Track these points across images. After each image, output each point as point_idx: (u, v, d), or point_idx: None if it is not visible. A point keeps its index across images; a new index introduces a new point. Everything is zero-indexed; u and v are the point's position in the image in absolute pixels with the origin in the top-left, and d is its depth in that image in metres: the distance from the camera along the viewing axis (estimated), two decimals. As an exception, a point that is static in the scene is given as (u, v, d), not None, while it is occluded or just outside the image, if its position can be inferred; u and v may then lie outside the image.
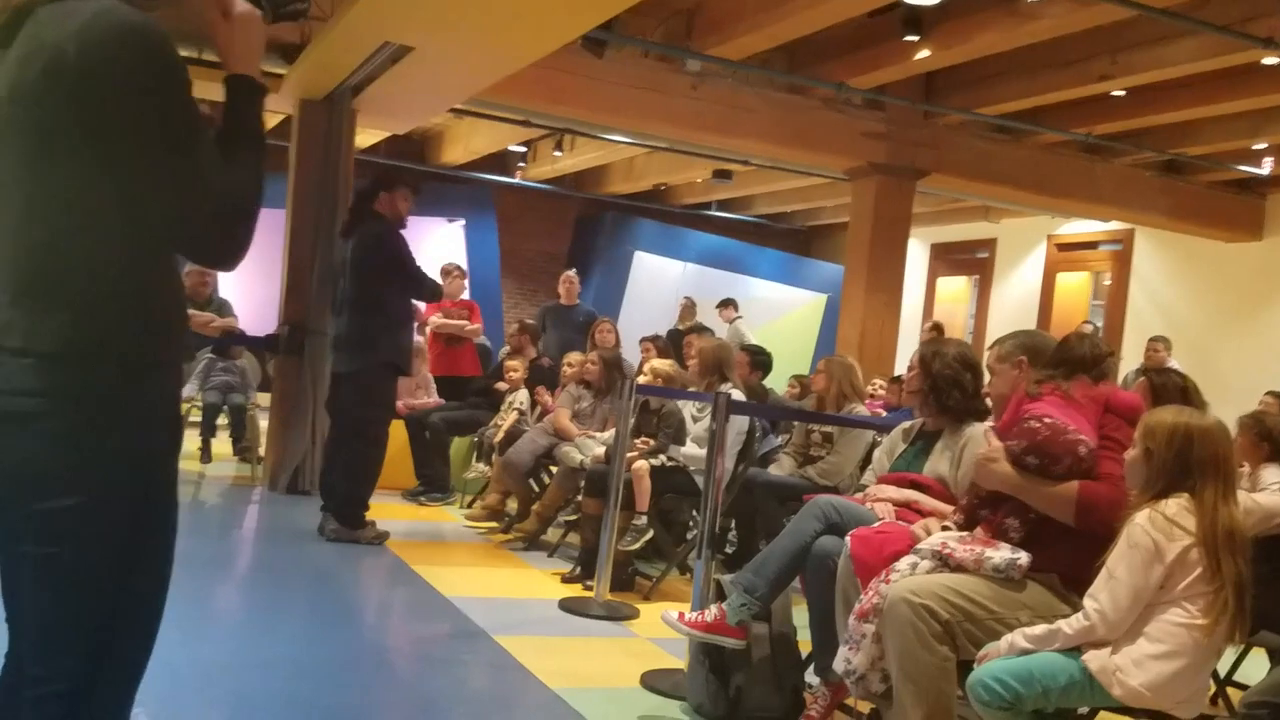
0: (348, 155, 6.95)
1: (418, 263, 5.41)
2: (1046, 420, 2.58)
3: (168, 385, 1.53)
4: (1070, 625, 2.29)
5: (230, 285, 9.44)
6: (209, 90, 1.54)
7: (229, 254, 1.51)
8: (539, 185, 13.20)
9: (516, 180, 13.02)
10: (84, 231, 1.41)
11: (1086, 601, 2.30)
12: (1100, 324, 11.30)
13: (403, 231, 5.38)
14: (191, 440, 7.28)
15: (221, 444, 7.62)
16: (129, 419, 1.45)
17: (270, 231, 7.23)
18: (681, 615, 3.15)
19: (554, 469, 5.69)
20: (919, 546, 2.65)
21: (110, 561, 1.45)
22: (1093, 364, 2.80)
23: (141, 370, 1.46)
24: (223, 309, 7.29)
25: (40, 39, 1.38)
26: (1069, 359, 2.82)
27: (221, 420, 7.62)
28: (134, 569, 1.49)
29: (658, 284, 12.95)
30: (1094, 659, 2.25)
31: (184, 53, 1.47)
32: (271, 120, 10.45)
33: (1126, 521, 2.30)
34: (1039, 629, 2.33)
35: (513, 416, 6.42)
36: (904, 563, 2.61)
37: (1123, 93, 7.76)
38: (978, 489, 2.74)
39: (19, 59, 1.39)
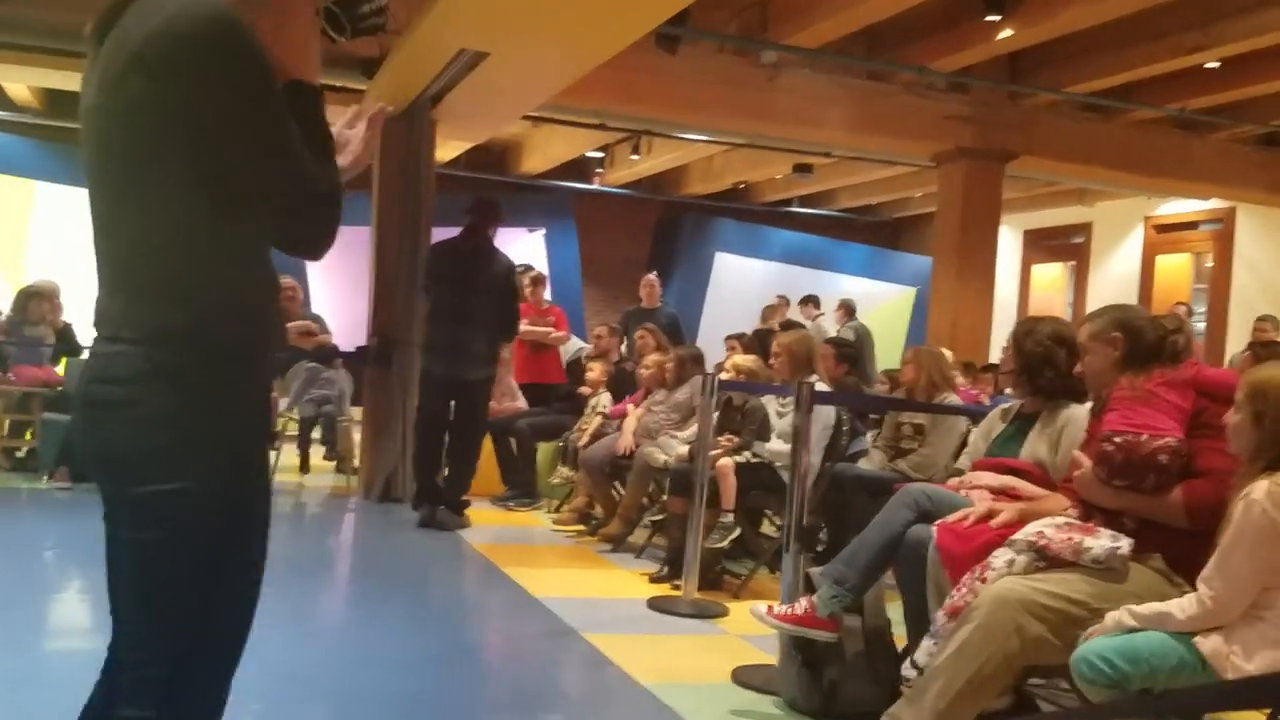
0: (429, 168, 7.05)
1: None
2: (1117, 440, 2.48)
3: (258, 372, 1.55)
4: (1182, 610, 2.17)
5: (320, 302, 9.71)
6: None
7: (319, 238, 1.52)
8: (618, 190, 13.24)
9: (595, 186, 13.07)
10: (174, 223, 1.43)
11: (1200, 585, 2.17)
12: (1203, 308, 10.86)
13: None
14: (290, 453, 7.49)
15: (319, 456, 7.80)
16: (221, 403, 1.46)
17: (356, 246, 7.41)
18: (770, 609, 3.10)
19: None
20: (1014, 538, 2.53)
21: (205, 546, 1.46)
22: (1161, 348, 2.70)
23: (233, 356, 1.48)
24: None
25: (123, 38, 1.41)
26: (1138, 351, 2.71)
27: (317, 433, 7.80)
28: (228, 554, 1.50)
29: (741, 284, 12.83)
30: (1206, 642, 2.13)
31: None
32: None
33: (1241, 497, 2.17)
34: (1147, 607, 2.21)
35: (596, 420, 6.42)
36: (999, 559, 2.49)
37: (1216, 64, 7.45)
38: None
39: (105, 57, 1.43)
